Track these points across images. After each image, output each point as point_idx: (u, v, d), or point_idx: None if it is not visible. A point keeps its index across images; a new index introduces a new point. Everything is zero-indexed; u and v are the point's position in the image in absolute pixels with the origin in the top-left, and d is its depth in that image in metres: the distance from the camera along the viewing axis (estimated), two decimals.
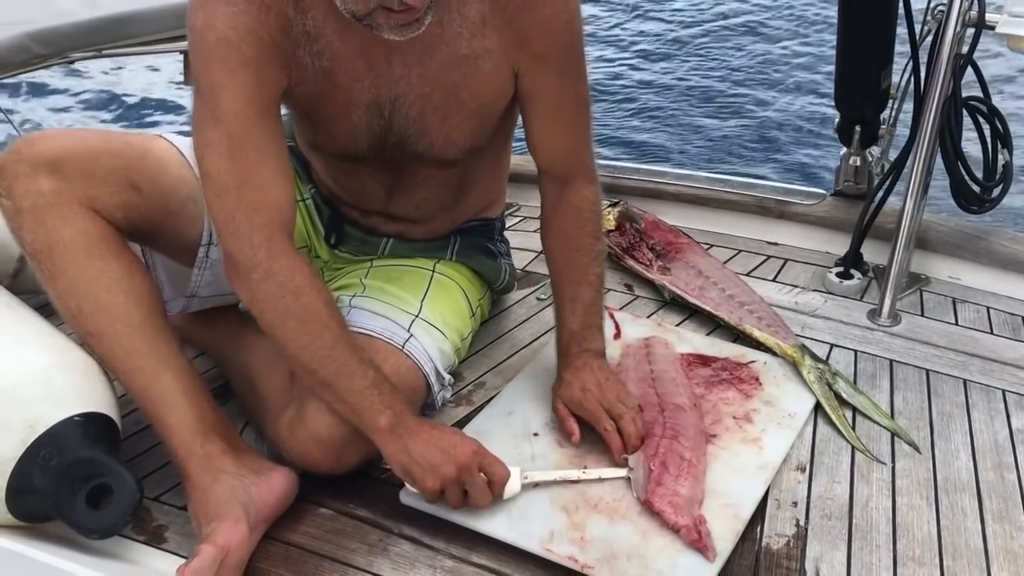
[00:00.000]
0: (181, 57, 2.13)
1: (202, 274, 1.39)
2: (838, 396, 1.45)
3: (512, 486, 1.21)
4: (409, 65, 1.24)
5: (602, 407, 1.29)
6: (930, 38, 1.67)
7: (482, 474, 1.17)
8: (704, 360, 1.55)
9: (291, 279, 1.17)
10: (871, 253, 1.89)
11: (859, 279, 1.84)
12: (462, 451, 1.16)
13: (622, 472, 1.26)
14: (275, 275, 1.17)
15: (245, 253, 1.17)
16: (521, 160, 2.20)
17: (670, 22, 7.71)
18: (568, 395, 1.32)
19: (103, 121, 5.99)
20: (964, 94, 1.67)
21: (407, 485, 1.19)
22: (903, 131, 1.80)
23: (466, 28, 1.22)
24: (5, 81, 1.96)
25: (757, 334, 1.60)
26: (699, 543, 1.13)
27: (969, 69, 1.64)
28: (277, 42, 1.17)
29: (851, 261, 1.87)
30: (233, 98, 1.15)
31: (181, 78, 2.09)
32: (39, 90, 6.22)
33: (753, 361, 1.55)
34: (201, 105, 1.17)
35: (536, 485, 1.24)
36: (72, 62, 1.94)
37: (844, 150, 2.04)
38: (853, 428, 1.40)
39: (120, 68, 6.56)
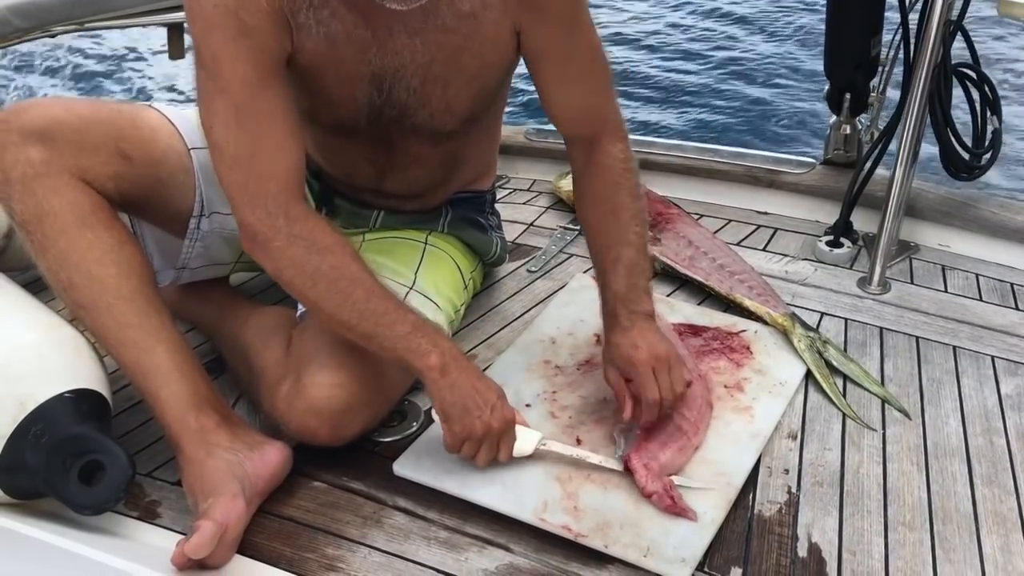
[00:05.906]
0: (165, 30, 2.11)
1: (193, 245, 1.37)
2: (829, 364, 1.46)
3: (523, 446, 1.22)
4: (412, 32, 1.21)
5: (652, 373, 1.23)
6: (920, 4, 1.66)
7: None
8: (695, 330, 1.55)
9: (315, 240, 1.17)
10: (861, 221, 1.89)
11: (849, 247, 1.84)
12: (499, 416, 1.18)
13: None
14: (298, 239, 1.16)
15: (264, 222, 1.15)
16: (509, 132, 2.19)
17: None
18: (620, 355, 1.25)
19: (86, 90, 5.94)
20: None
21: (440, 424, 1.19)
22: (892, 98, 1.80)
23: None
24: None
25: (748, 303, 1.61)
26: (674, 508, 1.14)
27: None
28: (276, 6, 1.13)
29: (841, 229, 1.87)
30: (237, 67, 1.12)
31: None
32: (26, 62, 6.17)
33: (744, 330, 1.55)
34: (204, 75, 1.14)
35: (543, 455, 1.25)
36: (54, 36, 1.91)
37: (834, 118, 2.03)
38: (844, 395, 1.40)
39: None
